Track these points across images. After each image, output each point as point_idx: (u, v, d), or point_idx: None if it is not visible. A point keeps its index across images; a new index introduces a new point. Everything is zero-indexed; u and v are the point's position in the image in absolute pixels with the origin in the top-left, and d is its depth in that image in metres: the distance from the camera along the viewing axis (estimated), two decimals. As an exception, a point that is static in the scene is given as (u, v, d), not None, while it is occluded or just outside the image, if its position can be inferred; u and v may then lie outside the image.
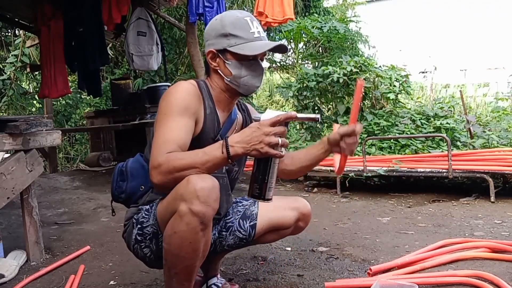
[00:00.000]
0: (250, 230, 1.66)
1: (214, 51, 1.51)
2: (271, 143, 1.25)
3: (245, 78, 1.50)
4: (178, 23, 6.20)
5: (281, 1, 4.42)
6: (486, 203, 3.24)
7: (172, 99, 1.44)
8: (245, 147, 1.27)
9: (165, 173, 1.31)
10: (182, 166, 1.30)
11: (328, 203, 3.53)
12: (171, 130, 1.39)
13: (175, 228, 1.35)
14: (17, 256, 2.33)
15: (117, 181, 1.64)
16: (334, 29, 7.34)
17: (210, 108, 1.53)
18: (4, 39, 8.33)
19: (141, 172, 1.61)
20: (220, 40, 1.49)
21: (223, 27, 1.48)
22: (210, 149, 1.31)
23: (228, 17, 1.51)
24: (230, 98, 1.58)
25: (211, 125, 1.53)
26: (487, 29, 12.24)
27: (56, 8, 4.76)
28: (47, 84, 4.87)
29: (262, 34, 1.50)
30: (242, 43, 1.47)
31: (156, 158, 1.33)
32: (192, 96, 1.48)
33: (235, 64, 1.49)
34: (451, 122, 4.39)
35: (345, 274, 1.99)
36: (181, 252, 1.37)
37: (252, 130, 1.28)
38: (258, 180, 1.33)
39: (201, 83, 1.55)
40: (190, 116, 1.45)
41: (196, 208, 1.29)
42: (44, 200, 3.91)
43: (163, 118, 1.42)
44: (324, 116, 5.51)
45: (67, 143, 8.07)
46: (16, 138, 2.23)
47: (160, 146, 1.36)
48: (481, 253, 2.06)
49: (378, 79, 5.01)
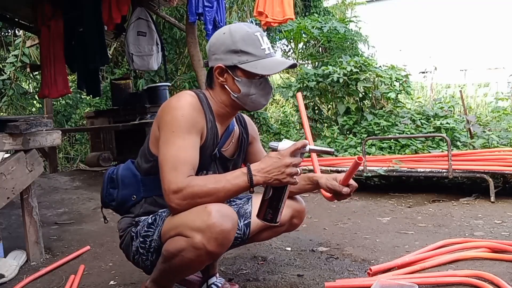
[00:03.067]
0: (244, 229, 1.67)
1: (223, 67, 1.47)
2: (292, 174, 1.30)
3: (254, 96, 1.49)
4: (178, 23, 6.19)
5: (281, 1, 4.42)
6: (486, 203, 3.24)
7: (178, 115, 1.41)
8: (266, 177, 1.31)
9: (186, 199, 1.32)
10: (204, 193, 1.32)
11: (328, 203, 3.53)
12: (183, 149, 1.38)
13: (182, 252, 1.36)
14: (17, 256, 2.33)
15: (107, 188, 1.62)
16: (334, 29, 7.35)
17: (211, 122, 1.52)
18: (4, 39, 8.32)
19: (132, 181, 1.58)
20: (230, 56, 1.46)
21: (234, 43, 1.45)
22: (233, 177, 1.34)
23: (238, 32, 1.47)
24: (232, 112, 1.58)
25: (212, 140, 1.53)
26: (487, 29, 12.24)
27: (56, 8, 4.76)
28: (47, 84, 4.87)
29: (271, 50, 1.49)
30: (254, 61, 1.45)
31: (176, 182, 1.33)
32: (197, 112, 1.46)
33: (245, 82, 1.47)
34: (451, 122, 4.39)
35: (345, 274, 1.99)
36: (179, 269, 1.43)
37: (274, 161, 1.31)
38: (272, 206, 1.38)
39: (201, 96, 1.52)
40: (197, 133, 1.44)
41: (212, 248, 1.32)
42: (44, 200, 3.91)
43: (171, 136, 1.39)
44: (324, 116, 5.51)
45: (67, 143, 8.06)
46: (16, 138, 2.23)
47: (176, 168, 1.34)
48: (481, 253, 2.05)
49: (378, 79, 5.01)
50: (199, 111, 1.47)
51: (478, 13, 12.47)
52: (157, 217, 1.51)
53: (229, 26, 1.51)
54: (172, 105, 1.44)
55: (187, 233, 1.34)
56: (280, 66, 1.48)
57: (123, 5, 4.34)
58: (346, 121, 4.98)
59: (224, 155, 1.60)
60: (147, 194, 1.56)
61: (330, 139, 4.77)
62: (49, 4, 4.75)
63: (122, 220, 1.61)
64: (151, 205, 1.55)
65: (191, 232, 1.33)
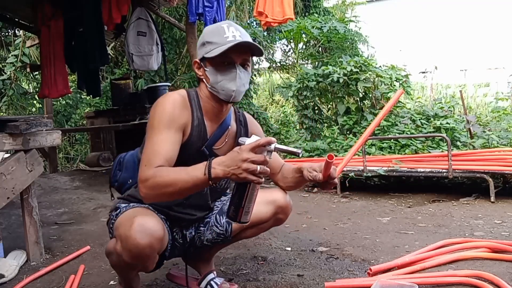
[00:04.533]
0: (226, 226, 1.69)
1: (198, 61, 1.55)
2: (248, 170, 1.25)
3: (221, 83, 1.50)
4: (178, 23, 6.20)
5: (281, 1, 4.42)
6: (486, 203, 3.24)
7: (159, 112, 1.48)
8: (225, 170, 1.28)
9: (150, 188, 1.35)
10: (165, 183, 1.33)
11: (328, 203, 3.53)
12: (158, 143, 1.42)
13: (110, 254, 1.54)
14: (17, 256, 2.33)
15: (115, 169, 1.75)
16: (334, 29, 7.35)
17: (199, 119, 1.55)
18: (4, 39, 8.33)
19: (132, 167, 1.68)
20: (200, 49, 1.53)
21: (203, 37, 1.53)
22: (193, 169, 1.32)
23: (210, 27, 1.57)
24: (217, 106, 1.57)
25: (197, 136, 1.54)
26: (487, 29, 12.24)
27: (56, 8, 4.76)
28: (47, 84, 4.87)
29: (237, 38, 1.47)
30: (215, 48, 1.47)
31: (144, 172, 1.37)
32: (180, 108, 1.50)
33: (211, 70, 1.51)
34: (451, 122, 4.39)
35: (345, 274, 1.99)
36: (116, 268, 1.60)
37: (233, 155, 1.28)
38: (235, 204, 1.34)
39: (192, 94, 1.57)
40: (176, 129, 1.47)
41: (126, 259, 1.43)
42: (44, 200, 3.91)
43: (151, 132, 1.46)
44: (324, 116, 5.51)
45: (67, 143, 8.07)
46: (16, 138, 2.23)
47: (149, 161, 1.39)
48: (481, 253, 2.05)
49: (378, 79, 5.01)
50: (183, 108, 1.51)
51: (478, 13, 12.48)
52: (122, 209, 1.59)
53: None
54: (157, 102, 1.51)
55: (117, 237, 1.46)
56: (228, 44, 1.44)
57: (123, 5, 4.34)
58: (346, 121, 4.98)
59: (216, 154, 1.56)
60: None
61: (330, 139, 4.77)
62: (49, 4, 4.75)
63: (113, 202, 1.72)
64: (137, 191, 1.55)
65: (118, 237, 1.44)
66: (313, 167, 1.53)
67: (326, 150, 4.53)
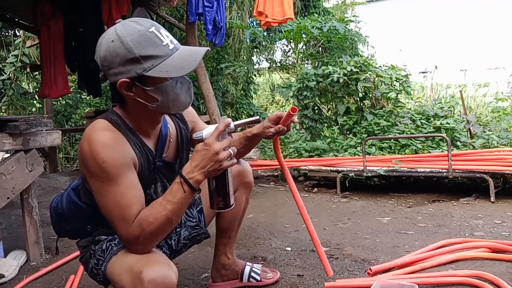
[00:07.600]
0: (198, 216, 1.66)
1: (128, 81, 1.26)
2: (224, 159, 1.23)
3: (174, 98, 1.31)
4: (178, 23, 6.20)
5: (281, 1, 4.42)
6: (486, 203, 3.24)
7: (99, 164, 1.24)
8: (203, 171, 1.24)
9: (146, 242, 1.26)
10: (159, 227, 1.24)
11: (328, 203, 3.53)
12: (120, 195, 1.26)
13: None
14: (17, 256, 2.33)
15: (58, 221, 1.54)
16: (334, 29, 7.34)
17: (138, 143, 1.37)
18: (4, 39, 8.32)
19: (82, 214, 1.49)
20: (131, 66, 1.24)
21: (129, 50, 1.23)
22: (172, 195, 1.25)
23: (129, 35, 1.24)
24: (156, 120, 1.42)
25: (146, 160, 1.40)
26: (487, 29, 12.25)
27: (56, 8, 4.76)
28: (47, 84, 4.87)
29: (175, 42, 1.30)
30: (160, 63, 1.24)
31: (129, 232, 1.25)
32: (117, 146, 1.29)
33: (159, 89, 1.27)
34: (451, 122, 4.39)
35: (345, 274, 1.99)
36: None
37: (203, 154, 1.24)
38: (221, 194, 1.32)
39: (114, 120, 1.34)
40: (128, 168, 1.30)
41: None
42: (44, 200, 3.90)
43: (102, 187, 1.27)
44: (324, 116, 5.51)
45: (67, 143, 8.06)
46: (16, 138, 2.23)
47: (123, 218, 1.25)
48: (481, 253, 2.05)
49: (378, 79, 5.01)
50: (119, 143, 1.30)
51: (478, 13, 12.48)
52: (110, 246, 1.43)
53: (114, 29, 1.27)
54: (87, 151, 1.26)
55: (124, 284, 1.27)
56: (193, 61, 1.28)
57: (123, 5, 4.34)
58: (346, 121, 4.97)
59: (166, 161, 1.48)
60: (100, 221, 1.43)
61: (330, 139, 4.77)
62: (49, 4, 4.75)
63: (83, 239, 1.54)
64: (107, 228, 1.41)
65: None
66: (265, 125, 1.54)
67: (326, 150, 4.53)
